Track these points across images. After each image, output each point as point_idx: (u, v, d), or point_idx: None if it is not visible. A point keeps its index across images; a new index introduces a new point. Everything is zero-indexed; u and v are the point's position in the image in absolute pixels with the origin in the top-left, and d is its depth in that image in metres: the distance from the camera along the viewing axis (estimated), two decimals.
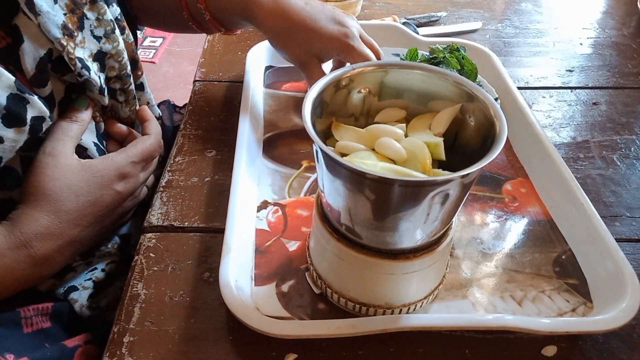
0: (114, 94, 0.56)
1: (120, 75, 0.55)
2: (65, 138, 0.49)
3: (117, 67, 0.54)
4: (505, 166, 0.61)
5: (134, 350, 0.42)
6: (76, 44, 0.48)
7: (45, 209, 0.46)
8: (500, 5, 0.99)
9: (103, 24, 0.51)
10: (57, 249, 0.47)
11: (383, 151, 0.40)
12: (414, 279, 0.42)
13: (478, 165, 0.34)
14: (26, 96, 0.43)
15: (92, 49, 0.50)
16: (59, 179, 0.47)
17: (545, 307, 0.46)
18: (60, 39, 0.46)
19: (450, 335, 0.44)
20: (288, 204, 0.55)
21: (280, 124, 0.66)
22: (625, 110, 0.72)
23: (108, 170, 0.50)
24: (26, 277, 0.45)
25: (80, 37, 0.49)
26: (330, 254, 0.43)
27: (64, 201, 0.47)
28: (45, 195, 0.46)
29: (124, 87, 0.56)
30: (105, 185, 0.50)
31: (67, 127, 0.49)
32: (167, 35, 2.49)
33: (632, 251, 0.51)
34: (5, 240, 0.44)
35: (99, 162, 0.51)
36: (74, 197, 0.47)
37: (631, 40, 0.88)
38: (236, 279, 0.44)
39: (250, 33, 0.85)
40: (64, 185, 0.47)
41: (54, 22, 0.45)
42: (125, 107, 0.58)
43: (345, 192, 0.37)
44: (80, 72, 0.48)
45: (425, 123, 0.42)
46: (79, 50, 0.48)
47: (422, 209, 0.36)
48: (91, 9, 0.50)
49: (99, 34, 0.51)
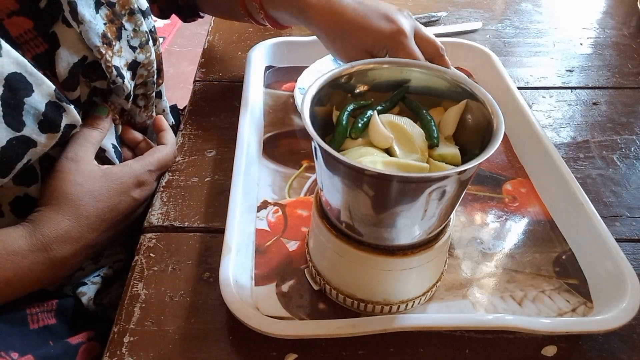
0: (135, 99, 0.58)
1: (146, 81, 0.57)
2: (87, 144, 0.50)
3: (145, 75, 0.56)
4: (505, 166, 0.61)
5: (134, 350, 0.42)
6: (114, 52, 0.50)
7: (67, 212, 0.47)
8: (500, 5, 0.99)
9: (139, 35, 0.54)
10: (74, 253, 0.47)
11: (376, 138, 0.40)
12: (412, 276, 0.42)
13: (475, 161, 0.34)
14: (64, 105, 0.45)
15: (128, 58, 0.53)
16: (81, 185, 0.48)
17: (545, 307, 0.46)
18: (99, 47, 0.48)
19: (450, 335, 0.44)
20: (288, 204, 0.55)
21: (280, 124, 0.66)
22: (625, 110, 0.72)
23: (127, 178, 0.52)
24: (42, 279, 0.46)
25: (118, 47, 0.51)
26: (329, 251, 0.43)
27: (85, 206, 0.48)
28: (67, 199, 0.47)
29: (147, 92, 0.58)
30: (124, 192, 0.51)
31: (89, 133, 0.51)
32: (167, 35, 2.50)
33: (632, 251, 0.51)
34: (26, 242, 0.45)
35: (119, 169, 0.52)
36: (94, 202, 0.49)
37: (631, 40, 0.88)
38: (236, 279, 0.44)
39: (250, 33, 0.85)
40: (85, 191, 0.48)
41: (94, 31, 0.48)
42: (143, 112, 0.60)
43: (343, 189, 0.38)
44: (115, 79, 0.50)
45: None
46: (115, 59, 0.50)
47: (419, 205, 0.36)
48: (129, 20, 0.53)
49: (134, 44, 0.53)
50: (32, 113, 0.43)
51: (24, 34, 0.44)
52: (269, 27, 0.68)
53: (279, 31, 0.82)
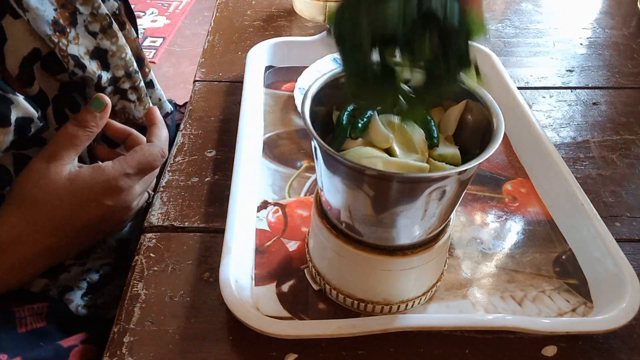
0: (124, 94, 0.54)
1: (129, 72, 0.53)
2: (68, 144, 0.47)
3: (121, 65, 0.52)
4: (505, 166, 0.61)
5: (134, 350, 0.42)
6: (69, 40, 0.46)
7: (22, 215, 0.45)
8: (500, 5, 0.99)
9: (98, 19, 0.49)
10: (29, 257, 0.45)
11: (376, 138, 0.40)
12: (412, 276, 0.42)
13: (475, 161, 0.34)
14: (9, 96, 0.42)
15: (88, 46, 0.49)
16: (42, 188, 0.45)
17: (545, 307, 0.46)
18: (50, 36, 0.45)
19: (450, 335, 0.44)
20: (288, 204, 0.55)
21: (280, 124, 0.66)
22: (625, 110, 0.72)
23: (96, 183, 0.47)
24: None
25: (74, 34, 0.47)
26: (329, 251, 0.43)
27: (41, 210, 0.45)
28: (25, 201, 0.45)
29: (134, 84, 0.54)
30: (92, 199, 0.47)
31: (73, 132, 0.47)
32: (167, 35, 2.50)
33: (632, 251, 0.51)
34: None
35: (88, 173, 0.47)
36: (51, 208, 0.46)
37: (631, 40, 0.88)
38: (236, 279, 0.44)
39: (250, 33, 0.85)
40: (45, 195, 0.45)
41: (43, 18, 0.44)
42: (139, 105, 0.56)
43: (343, 189, 0.38)
44: (73, 69, 0.47)
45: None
46: (72, 47, 0.47)
47: (419, 205, 0.36)
48: (84, 4, 0.49)
49: (94, 29, 0.49)
50: None
51: None
52: (269, 27, 0.67)
53: (279, 31, 0.82)
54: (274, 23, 0.88)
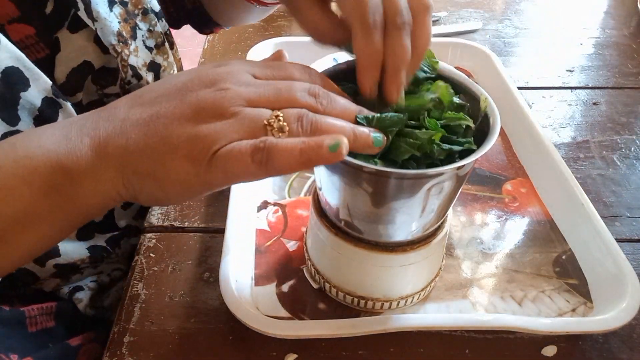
0: None
1: None
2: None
3: None
4: (505, 166, 0.61)
5: (134, 350, 0.42)
6: (130, 51, 0.50)
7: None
8: (500, 5, 0.99)
9: (154, 36, 0.53)
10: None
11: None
12: (411, 271, 0.42)
13: (472, 157, 0.35)
14: (60, 101, 0.44)
15: (145, 59, 0.52)
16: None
17: (545, 307, 0.46)
18: (115, 45, 0.48)
19: (450, 335, 0.44)
20: (288, 204, 0.55)
21: None
22: (625, 110, 0.72)
23: (186, 77, 0.34)
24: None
25: (134, 46, 0.50)
26: (328, 249, 0.43)
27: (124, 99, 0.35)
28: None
29: None
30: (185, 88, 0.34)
31: None
32: None
33: (632, 251, 0.51)
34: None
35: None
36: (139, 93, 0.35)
37: (631, 40, 0.88)
38: (236, 279, 0.44)
39: (250, 33, 0.85)
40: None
41: (109, 28, 0.47)
42: None
43: (342, 187, 0.38)
44: (130, 79, 0.50)
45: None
46: (132, 58, 0.50)
47: (417, 201, 0.36)
48: (143, 20, 0.52)
49: (150, 44, 0.53)
50: (27, 108, 0.42)
51: (25, 39, 0.44)
52: (269, 27, 0.67)
53: (279, 31, 0.82)
54: (274, 23, 0.88)
